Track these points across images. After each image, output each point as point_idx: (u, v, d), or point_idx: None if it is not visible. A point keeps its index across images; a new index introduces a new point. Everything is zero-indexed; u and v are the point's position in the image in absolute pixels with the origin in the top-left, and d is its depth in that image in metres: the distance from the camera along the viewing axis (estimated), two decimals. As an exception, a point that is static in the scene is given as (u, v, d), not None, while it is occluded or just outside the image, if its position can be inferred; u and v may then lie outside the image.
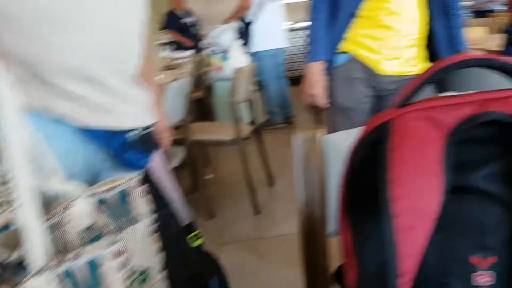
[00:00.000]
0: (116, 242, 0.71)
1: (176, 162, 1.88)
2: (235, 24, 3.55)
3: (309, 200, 0.74)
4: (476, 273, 0.45)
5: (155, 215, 0.77)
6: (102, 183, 0.69)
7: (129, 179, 0.72)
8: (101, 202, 0.66)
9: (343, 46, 1.34)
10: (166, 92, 1.60)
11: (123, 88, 0.76)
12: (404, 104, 0.47)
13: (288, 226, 2.04)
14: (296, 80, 4.26)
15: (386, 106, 1.40)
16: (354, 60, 1.34)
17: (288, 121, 3.99)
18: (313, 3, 1.37)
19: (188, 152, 2.04)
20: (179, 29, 5.04)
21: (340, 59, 1.36)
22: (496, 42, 2.02)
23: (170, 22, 5.12)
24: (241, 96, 2.21)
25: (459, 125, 0.42)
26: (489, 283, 0.45)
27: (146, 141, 0.82)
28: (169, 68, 3.49)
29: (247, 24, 3.59)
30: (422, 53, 1.36)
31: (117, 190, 0.69)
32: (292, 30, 5.54)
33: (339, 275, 0.62)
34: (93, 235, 0.66)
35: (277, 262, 1.76)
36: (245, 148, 2.19)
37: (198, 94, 3.55)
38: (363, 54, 1.32)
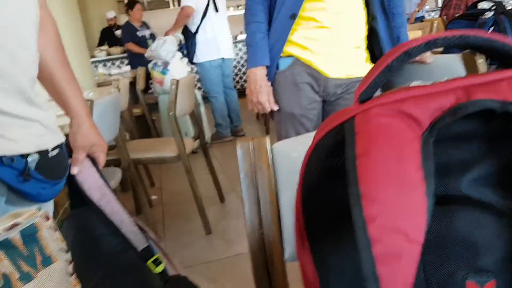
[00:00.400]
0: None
1: (112, 184, 1.69)
2: (177, 35, 3.41)
3: (260, 221, 0.63)
4: (473, 303, 0.36)
5: (70, 253, 0.63)
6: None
7: (33, 213, 0.58)
8: (0, 246, 0.52)
9: (286, 49, 1.26)
10: (95, 109, 1.43)
11: (14, 107, 0.62)
12: (366, 98, 0.37)
13: (241, 245, 1.92)
14: (242, 92, 4.20)
15: (334, 111, 1.32)
16: (298, 64, 1.25)
17: (237, 134, 3.87)
18: (249, 5, 1.27)
19: (125, 173, 1.85)
20: (137, 42, 4.86)
21: (285, 63, 1.26)
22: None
23: (127, 35, 4.92)
24: (182, 109, 2.07)
25: (442, 119, 0.32)
26: (487, 314, 0.36)
27: (50, 167, 0.68)
28: (103, 84, 3.29)
29: (194, 34, 3.46)
30: (367, 54, 1.31)
31: (19, 229, 0.55)
32: (234, 42, 5.52)
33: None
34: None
35: (231, 286, 1.62)
36: (191, 164, 2.05)
37: (138, 111, 3.36)
38: (306, 57, 1.24)
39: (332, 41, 1.23)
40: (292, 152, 0.62)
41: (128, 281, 0.82)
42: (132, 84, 3.37)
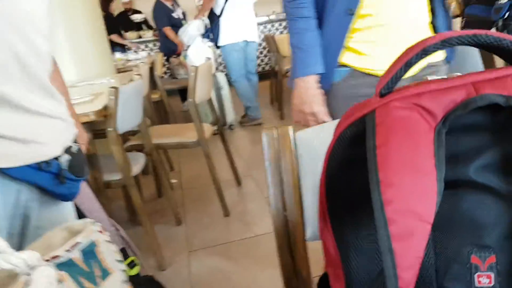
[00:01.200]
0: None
1: (137, 168, 1.77)
2: (203, 19, 3.43)
3: (284, 204, 0.68)
4: (478, 274, 0.40)
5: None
6: (51, 237, 0.54)
7: (91, 230, 0.56)
8: (62, 265, 0.50)
9: (341, 56, 1.03)
10: (120, 96, 1.49)
11: (39, 102, 0.58)
12: (386, 92, 0.42)
13: (259, 227, 1.98)
14: (261, 76, 4.18)
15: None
16: (356, 75, 1.03)
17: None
18: None
19: (147, 157, 1.92)
20: (173, 24, 4.21)
21: (340, 73, 1.05)
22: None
23: (163, 17, 4.23)
24: (201, 95, 2.12)
25: (454, 111, 0.37)
26: (488, 285, 0.41)
27: (77, 164, 0.65)
28: (122, 70, 3.35)
29: (218, 16, 3.43)
30: None
31: (80, 248, 0.53)
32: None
33: (324, 284, 0.56)
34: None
35: (250, 265, 1.69)
36: (209, 149, 2.11)
37: (156, 96, 3.42)
38: (365, 65, 1.03)
39: (393, 39, 1.01)
40: (313, 140, 0.67)
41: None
42: (150, 69, 3.42)
